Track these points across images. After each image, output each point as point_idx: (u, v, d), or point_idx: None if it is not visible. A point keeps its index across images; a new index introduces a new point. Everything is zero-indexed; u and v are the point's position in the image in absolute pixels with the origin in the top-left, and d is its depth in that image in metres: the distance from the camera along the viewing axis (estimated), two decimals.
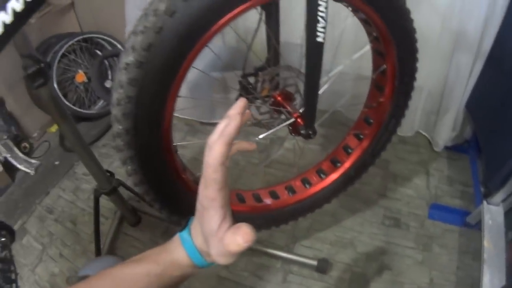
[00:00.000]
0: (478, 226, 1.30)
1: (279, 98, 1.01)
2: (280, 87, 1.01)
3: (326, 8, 0.74)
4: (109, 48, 2.03)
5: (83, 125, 1.98)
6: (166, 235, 1.47)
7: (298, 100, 1.01)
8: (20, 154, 1.78)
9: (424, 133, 1.75)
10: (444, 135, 1.62)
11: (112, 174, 1.31)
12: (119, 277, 0.47)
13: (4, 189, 1.73)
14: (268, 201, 1.18)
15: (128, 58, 0.66)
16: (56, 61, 1.80)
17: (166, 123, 0.79)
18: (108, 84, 2.01)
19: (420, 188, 1.57)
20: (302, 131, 0.96)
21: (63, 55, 1.86)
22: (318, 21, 0.76)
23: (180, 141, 1.81)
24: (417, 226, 1.44)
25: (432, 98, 1.59)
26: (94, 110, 2.03)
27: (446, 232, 1.42)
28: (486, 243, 1.21)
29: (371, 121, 1.18)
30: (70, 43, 1.86)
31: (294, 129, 1.00)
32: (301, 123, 0.97)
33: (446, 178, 1.60)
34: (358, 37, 1.28)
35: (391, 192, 1.56)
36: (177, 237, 0.48)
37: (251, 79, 1.00)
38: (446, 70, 1.47)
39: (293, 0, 1.35)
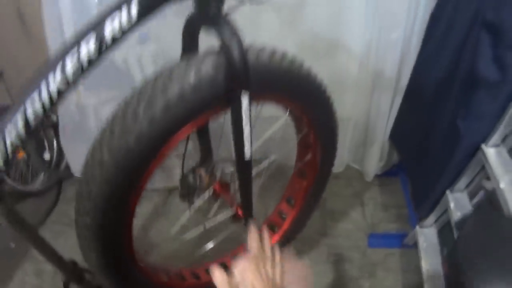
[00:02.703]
0: (415, 245, 1.38)
1: (218, 189, 1.10)
2: (218, 178, 1.09)
3: (250, 132, 0.78)
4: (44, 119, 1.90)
5: (29, 202, 1.83)
6: None
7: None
8: None
9: (354, 165, 1.86)
10: (373, 165, 1.73)
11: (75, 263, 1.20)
12: None
13: None
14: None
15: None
16: None
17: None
18: (46, 155, 1.90)
19: (357, 220, 1.64)
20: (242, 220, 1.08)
21: None
22: (243, 145, 0.80)
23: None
24: (359, 256, 1.50)
25: (358, 131, 1.70)
26: (38, 185, 1.88)
27: (387, 256, 1.49)
28: (423, 263, 1.30)
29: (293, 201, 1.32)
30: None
31: (234, 217, 1.12)
32: (240, 214, 1.08)
33: (381, 205, 1.70)
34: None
35: (331, 229, 1.62)
36: None
37: (190, 178, 1.06)
38: (368, 105, 1.57)
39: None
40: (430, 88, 1.31)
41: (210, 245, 1.27)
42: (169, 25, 1.15)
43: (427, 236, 1.37)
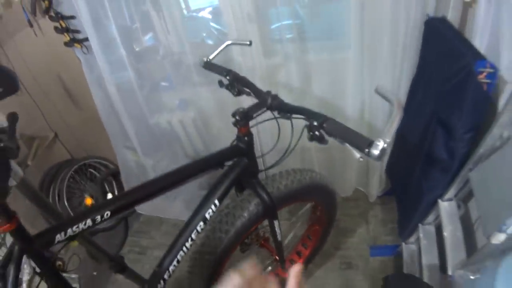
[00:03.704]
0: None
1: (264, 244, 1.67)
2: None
3: (280, 234, 1.48)
4: (102, 168, 2.41)
5: (103, 237, 2.27)
6: None
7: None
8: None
9: (360, 189, 2.36)
10: (375, 189, 2.23)
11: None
12: None
13: None
14: None
15: None
16: (64, 191, 2.12)
17: None
18: (109, 196, 2.37)
19: (362, 235, 2.16)
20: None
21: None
22: (279, 242, 1.41)
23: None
24: (363, 264, 2.02)
25: (363, 163, 2.20)
26: (106, 223, 2.36)
27: (383, 262, 2.00)
28: (405, 269, 1.81)
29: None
30: (70, 172, 2.14)
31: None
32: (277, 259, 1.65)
33: (381, 221, 2.21)
34: None
35: (342, 244, 2.14)
36: None
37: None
38: None
39: None
40: (411, 140, 1.78)
41: None
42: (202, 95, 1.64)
43: (410, 251, 1.87)
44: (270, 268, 1.85)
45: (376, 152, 0.78)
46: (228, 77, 1.31)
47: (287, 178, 1.38)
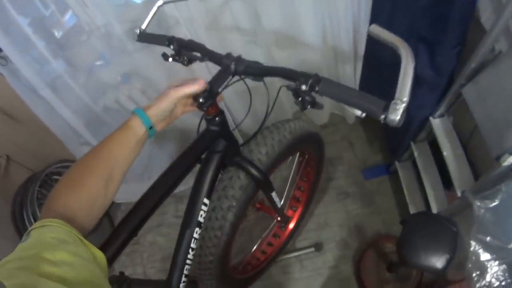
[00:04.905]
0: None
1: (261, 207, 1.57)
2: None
3: (278, 198, 1.34)
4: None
5: (90, 239, 2.06)
6: None
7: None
8: None
9: (336, 112, 2.25)
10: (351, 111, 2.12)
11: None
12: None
13: None
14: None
15: None
16: (38, 210, 1.88)
17: None
18: None
19: (350, 160, 2.10)
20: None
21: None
22: (275, 202, 1.36)
23: None
24: (359, 190, 1.99)
25: None
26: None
27: (380, 184, 1.97)
28: (404, 186, 1.80)
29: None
30: (36, 189, 1.91)
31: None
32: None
33: (366, 142, 2.13)
34: None
35: (333, 174, 2.08)
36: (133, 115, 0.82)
37: None
38: (337, 74, 1.92)
39: None
40: (385, 61, 1.64)
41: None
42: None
43: (404, 167, 1.84)
44: (272, 227, 1.79)
45: (396, 117, 0.63)
46: (172, 47, 1.06)
47: (265, 145, 1.22)
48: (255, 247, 1.76)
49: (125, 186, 1.00)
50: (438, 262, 1.11)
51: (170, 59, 1.08)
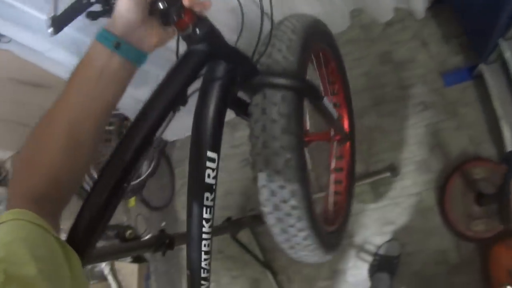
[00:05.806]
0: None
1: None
2: None
3: None
4: None
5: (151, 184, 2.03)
6: None
7: None
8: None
9: (402, 6, 1.80)
10: (420, 1, 1.68)
11: None
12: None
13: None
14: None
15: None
16: None
17: None
18: None
19: (425, 62, 1.72)
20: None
21: None
22: None
23: None
24: (440, 99, 1.66)
25: None
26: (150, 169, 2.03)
27: (463, 91, 1.64)
28: (492, 92, 1.47)
29: None
30: None
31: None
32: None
33: (442, 39, 1.73)
34: None
35: (406, 80, 1.72)
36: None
37: None
38: None
39: None
40: None
41: None
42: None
43: (492, 70, 1.49)
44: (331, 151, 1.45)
45: None
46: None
47: (282, 41, 0.87)
48: (329, 180, 1.45)
49: (174, 123, 0.71)
50: None
51: (99, 17, 0.68)
